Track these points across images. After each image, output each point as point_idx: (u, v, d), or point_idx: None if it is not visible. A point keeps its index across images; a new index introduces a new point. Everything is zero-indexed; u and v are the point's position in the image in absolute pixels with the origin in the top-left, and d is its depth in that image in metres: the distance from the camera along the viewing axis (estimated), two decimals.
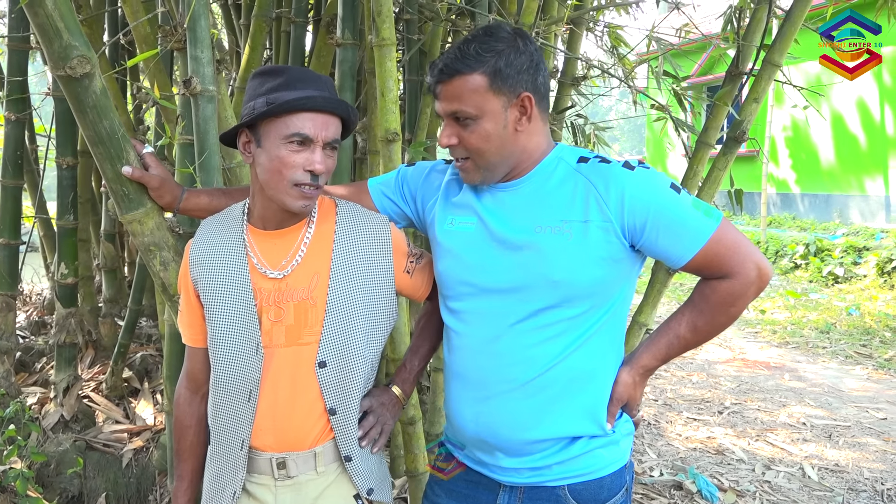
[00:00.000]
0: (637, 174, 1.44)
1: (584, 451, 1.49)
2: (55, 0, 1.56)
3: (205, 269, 1.58)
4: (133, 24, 2.67)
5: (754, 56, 2.82)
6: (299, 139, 1.45)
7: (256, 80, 1.52)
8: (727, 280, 1.44)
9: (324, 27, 3.19)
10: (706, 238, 1.41)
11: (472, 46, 1.43)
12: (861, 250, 9.88)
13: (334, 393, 1.54)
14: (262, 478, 1.56)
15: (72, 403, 3.38)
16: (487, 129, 1.45)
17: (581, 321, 1.46)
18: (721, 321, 1.49)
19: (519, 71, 1.43)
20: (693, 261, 1.43)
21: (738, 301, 1.46)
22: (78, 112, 1.69)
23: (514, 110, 1.45)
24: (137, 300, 3.67)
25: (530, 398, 1.47)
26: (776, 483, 3.79)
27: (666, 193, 1.42)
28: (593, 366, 1.49)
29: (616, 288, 1.48)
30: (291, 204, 1.49)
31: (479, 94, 1.43)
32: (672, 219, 1.41)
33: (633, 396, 1.54)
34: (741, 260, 1.42)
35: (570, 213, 1.44)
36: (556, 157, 1.51)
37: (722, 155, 2.86)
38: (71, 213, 3.45)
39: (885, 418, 4.82)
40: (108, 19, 3.83)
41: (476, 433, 1.53)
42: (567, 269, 1.42)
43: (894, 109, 11.82)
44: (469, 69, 1.42)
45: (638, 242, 1.44)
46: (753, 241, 8.34)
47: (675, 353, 1.54)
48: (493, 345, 1.49)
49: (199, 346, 1.64)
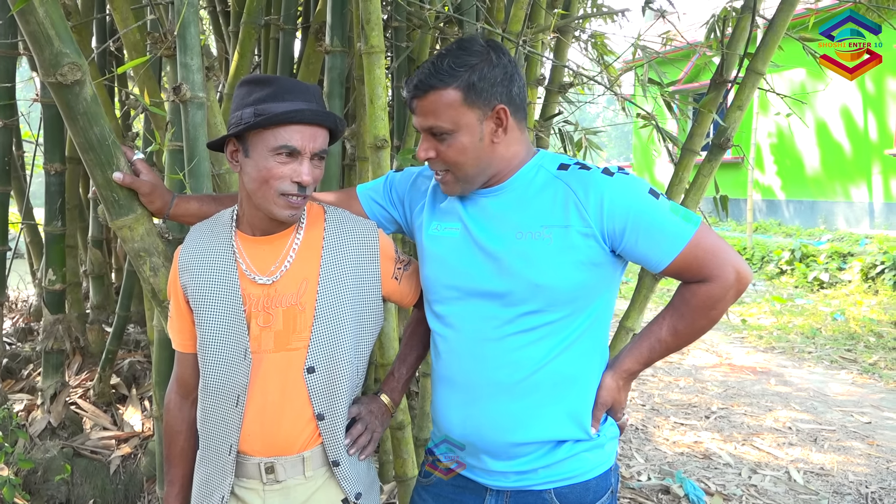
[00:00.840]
0: (616, 180, 1.46)
1: (570, 454, 1.51)
2: (46, 7, 1.57)
3: (194, 275, 1.59)
4: (123, 31, 2.68)
5: (738, 64, 2.86)
6: (287, 151, 1.46)
7: (244, 89, 1.53)
8: (706, 284, 1.46)
9: (313, 34, 3.21)
10: (685, 242, 1.43)
11: (445, 61, 1.44)
12: (846, 256, 9.97)
13: (322, 398, 1.55)
14: (250, 482, 1.57)
15: (59, 410, 3.36)
16: (464, 143, 1.47)
17: (564, 325, 1.48)
18: (701, 324, 1.51)
19: (493, 84, 1.45)
20: (672, 265, 1.45)
21: (718, 304, 1.47)
22: (68, 118, 1.70)
23: (490, 122, 1.47)
24: (125, 306, 3.66)
25: (516, 401, 1.48)
26: (762, 487, 3.82)
27: (644, 198, 1.44)
28: (577, 370, 1.51)
29: (598, 292, 1.50)
30: (278, 213, 1.50)
31: (454, 108, 1.45)
32: (650, 223, 1.43)
33: (617, 400, 1.56)
34: (720, 263, 1.44)
35: (551, 219, 1.46)
36: (536, 164, 1.54)
37: (707, 161, 2.89)
38: (59, 219, 3.44)
39: (869, 422, 4.87)
40: (96, 26, 3.83)
41: (463, 436, 1.55)
42: (548, 273, 1.44)
43: (878, 117, 11.96)
44: (443, 84, 1.44)
45: (618, 247, 1.46)
46: (739, 247, 8.40)
47: (658, 357, 1.56)
48: (478, 348, 1.51)
49: (189, 351, 1.65)
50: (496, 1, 3.19)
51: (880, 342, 6.97)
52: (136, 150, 1.75)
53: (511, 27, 2.76)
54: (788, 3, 2.76)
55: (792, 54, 3.51)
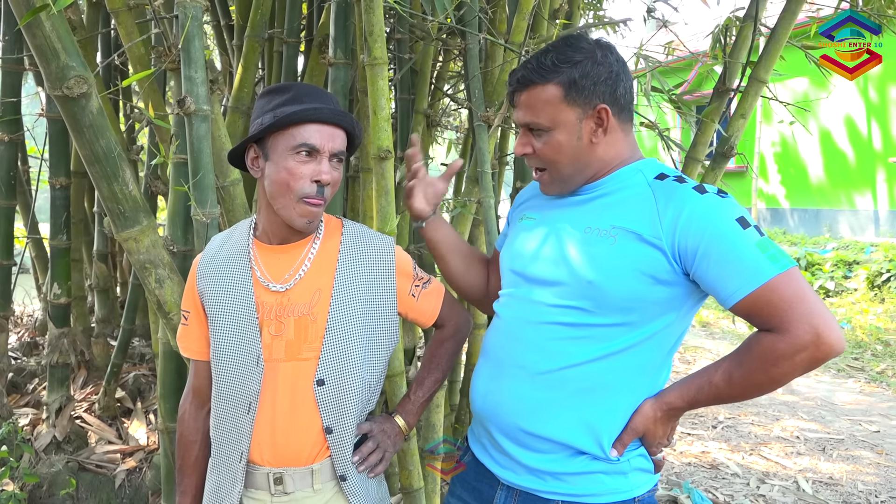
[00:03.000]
0: (704, 198, 1.35)
1: (584, 470, 1.44)
2: (53, 21, 1.59)
3: (211, 282, 1.60)
4: (128, 45, 2.69)
5: (740, 73, 2.86)
6: (307, 150, 1.48)
7: (264, 99, 1.56)
8: (773, 334, 1.29)
9: (316, 47, 3.22)
10: (761, 282, 1.28)
11: (549, 57, 1.41)
12: (851, 264, 9.94)
13: (331, 412, 1.55)
14: (258, 493, 1.56)
15: (64, 424, 3.36)
16: (560, 141, 1.44)
17: (612, 333, 1.40)
18: (758, 379, 1.33)
19: (595, 82, 1.41)
20: (742, 303, 1.30)
21: (781, 362, 1.29)
22: (75, 131, 1.71)
23: (590, 122, 1.43)
24: (130, 320, 3.67)
25: (536, 391, 1.44)
26: (771, 497, 3.80)
27: (727, 224, 1.31)
28: (610, 383, 1.42)
29: (660, 312, 1.40)
30: (297, 220, 1.52)
31: (553, 105, 1.42)
32: (726, 251, 1.30)
33: (650, 431, 1.44)
34: (796, 318, 1.26)
35: (622, 221, 1.40)
36: (636, 168, 1.48)
37: (710, 170, 2.89)
38: (64, 232, 3.46)
39: (877, 431, 4.84)
40: (101, 40, 3.85)
41: (482, 409, 1.54)
42: (601, 272, 1.38)
43: (881, 125, 11.95)
44: (544, 80, 1.41)
45: (691, 270, 1.35)
46: None
47: (706, 401, 1.41)
48: (517, 328, 1.50)
49: (205, 359, 1.66)
50: (498, 12, 3.20)
51: (887, 350, 6.94)
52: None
53: (513, 38, 2.77)
54: (790, 12, 2.77)
55: (794, 63, 3.52)
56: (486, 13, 3.11)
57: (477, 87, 2.80)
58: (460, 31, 3.01)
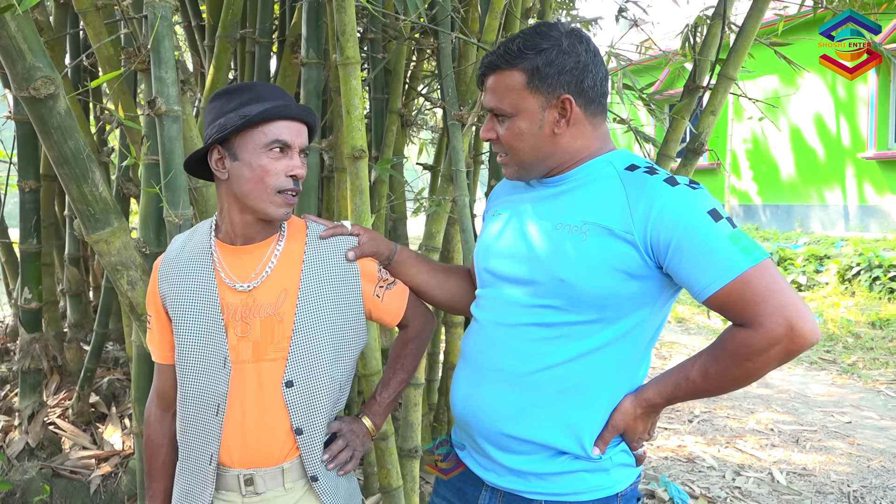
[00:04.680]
0: (676, 190, 1.33)
1: (566, 470, 1.43)
2: (18, 22, 1.57)
3: (173, 285, 1.58)
4: (96, 46, 2.66)
5: (710, 70, 2.90)
6: (279, 146, 1.49)
7: (221, 99, 1.54)
8: (747, 329, 1.28)
9: (288, 47, 3.21)
10: (733, 275, 1.26)
11: (516, 42, 1.40)
12: (822, 259, 10.10)
13: (301, 413, 1.54)
14: (229, 494, 1.56)
15: (37, 430, 3.32)
16: (521, 128, 1.43)
17: (587, 331, 1.40)
18: (734, 375, 1.32)
19: (560, 72, 1.39)
20: (715, 297, 1.29)
21: (756, 357, 1.28)
22: (42, 133, 1.69)
23: (553, 112, 1.41)
24: (103, 324, 3.62)
25: (515, 394, 1.44)
26: (746, 488, 3.85)
27: (698, 216, 1.30)
28: (589, 382, 1.41)
29: (634, 307, 1.39)
30: (274, 211, 1.52)
31: (516, 91, 1.41)
32: (699, 245, 1.29)
33: (631, 428, 1.44)
34: (769, 311, 1.25)
35: (593, 216, 1.38)
36: (606, 160, 1.45)
37: (682, 167, 2.93)
38: (34, 236, 3.41)
39: (849, 422, 4.92)
40: (69, 41, 3.81)
41: (463, 414, 1.53)
42: (574, 269, 1.37)
43: (849, 122, 12.16)
44: (509, 65, 1.40)
45: (664, 264, 1.33)
46: None
47: (683, 396, 1.41)
48: (493, 331, 1.49)
49: (169, 362, 1.64)
50: (471, 11, 3.21)
51: (858, 343, 7.06)
52: (345, 225, 1.69)
53: (486, 37, 2.78)
54: (757, 10, 2.81)
55: (764, 61, 3.57)
56: (458, 12, 3.12)
57: (450, 86, 2.81)
58: (433, 31, 3.02)
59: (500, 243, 1.53)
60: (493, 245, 1.55)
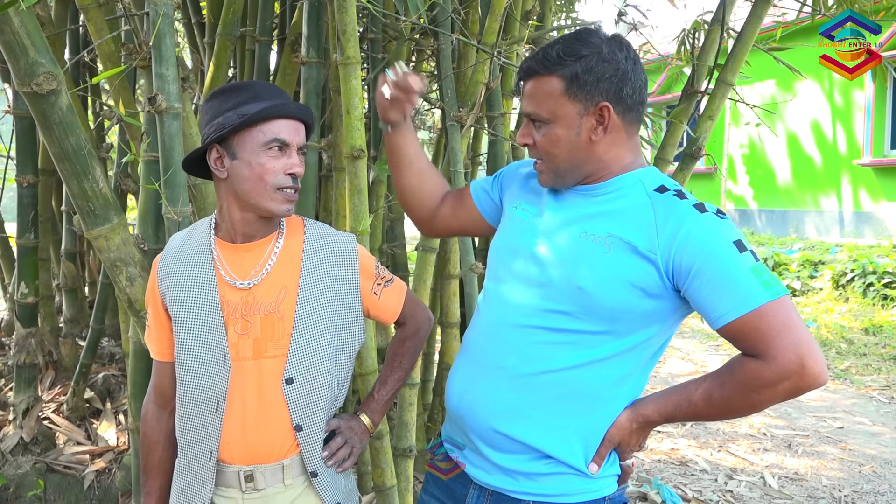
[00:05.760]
0: (703, 217, 1.34)
1: (554, 471, 1.44)
2: (22, 17, 1.57)
3: (172, 282, 1.59)
4: (97, 42, 2.67)
5: (708, 75, 2.91)
6: (278, 145, 1.50)
7: (219, 98, 1.55)
8: (758, 361, 1.29)
9: (288, 46, 3.22)
10: (752, 307, 1.27)
11: (556, 49, 1.40)
12: (817, 264, 10.12)
13: (301, 409, 1.55)
14: (229, 491, 1.56)
15: (31, 425, 3.32)
16: (558, 134, 1.42)
17: (594, 341, 1.40)
18: (738, 404, 1.34)
19: (599, 79, 1.38)
20: (730, 327, 1.30)
21: (763, 389, 1.29)
22: (44, 128, 1.70)
23: (591, 119, 1.41)
24: (100, 319, 3.63)
25: (514, 393, 1.44)
26: (738, 492, 3.87)
27: (724, 246, 1.31)
28: (588, 391, 1.42)
29: (644, 323, 1.40)
30: (276, 208, 1.53)
31: (554, 98, 1.40)
32: (720, 273, 1.30)
33: (625, 441, 1.46)
34: (783, 345, 1.26)
35: (619, 231, 1.38)
36: (636, 177, 1.45)
37: (679, 171, 2.94)
38: (31, 231, 3.41)
39: (841, 427, 4.95)
40: (70, 37, 3.81)
41: (458, 408, 1.53)
42: (592, 280, 1.38)
43: (846, 128, 12.20)
44: (547, 71, 1.40)
45: (682, 287, 1.34)
46: None
47: (682, 417, 1.42)
48: (501, 329, 1.48)
49: (167, 360, 1.64)
50: (471, 13, 3.22)
51: (851, 348, 7.08)
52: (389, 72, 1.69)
53: (486, 39, 2.79)
54: (756, 16, 2.83)
55: (762, 67, 3.58)
56: (458, 14, 3.13)
57: (449, 87, 2.82)
58: (433, 32, 3.03)
59: (521, 241, 1.52)
60: (514, 240, 1.54)
